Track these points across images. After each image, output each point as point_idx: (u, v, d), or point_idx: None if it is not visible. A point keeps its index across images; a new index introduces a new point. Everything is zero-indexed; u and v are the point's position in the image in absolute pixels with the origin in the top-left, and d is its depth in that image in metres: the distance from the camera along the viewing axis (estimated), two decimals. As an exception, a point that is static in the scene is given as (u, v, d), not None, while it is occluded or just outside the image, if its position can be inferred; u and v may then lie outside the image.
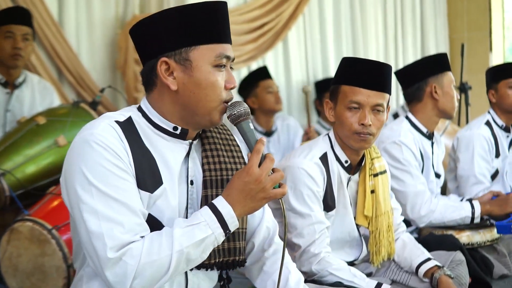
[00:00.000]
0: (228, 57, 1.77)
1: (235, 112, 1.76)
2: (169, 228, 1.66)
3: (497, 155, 3.73)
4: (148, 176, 1.71)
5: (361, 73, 2.48)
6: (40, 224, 2.82)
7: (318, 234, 2.46)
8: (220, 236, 1.67)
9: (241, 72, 5.50)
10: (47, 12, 4.30)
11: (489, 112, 3.82)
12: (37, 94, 3.98)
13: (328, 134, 2.63)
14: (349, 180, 2.61)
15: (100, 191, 1.63)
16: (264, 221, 2.03)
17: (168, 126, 1.78)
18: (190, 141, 1.82)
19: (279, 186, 1.72)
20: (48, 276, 2.81)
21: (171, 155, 1.77)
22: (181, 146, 1.81)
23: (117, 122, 1.72)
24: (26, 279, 2.85)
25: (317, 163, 2.51)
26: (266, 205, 2.06)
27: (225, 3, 1.81)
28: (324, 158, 2.54)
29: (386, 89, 2.50)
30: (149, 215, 1.71)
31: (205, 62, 1.74)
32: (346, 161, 2.58)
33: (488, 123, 3.76)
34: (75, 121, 3.49)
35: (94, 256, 1.63)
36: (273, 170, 1.70)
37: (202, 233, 1.64)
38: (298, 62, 5.94)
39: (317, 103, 5.74)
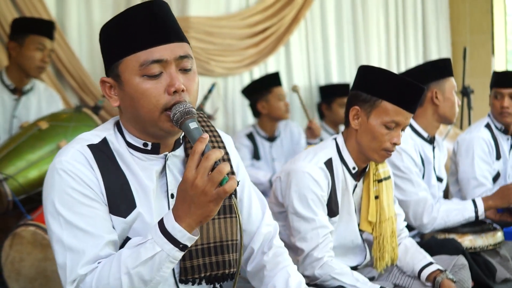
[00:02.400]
0: (158, 61, 1.63)
1: (176, 113, 1.60)
2: (121, 250, 1.63)
3: (498, 157, 3.73)
4: (120, 201, 1.69)
5: (407, 94, 2.49)
6: (42, 228, 2.82)
7: (321, 238, 2.46)
8: (173, 252, 1.56)
9: (243, 77, 5.50)
10: (50, 17, 4.31)
11: (489, 115, 3.83)
12: (43, 102, 4.00)
13: (335, 139, 2.63)
14: (355, 186, 2.61)
15: (66, 220, 1.63)
16: (263, 224, 1.99)
17: (138, 143, 1.74)
18: (166, 153, 1.76)
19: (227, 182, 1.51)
20: (50, 280, 2.82)
21: (145, 174, 1.72)
22: (156, 162, 1.75)
23: (89, 146, 1.70)
24: (28, 283, 2.86)
25: (321, 167, 2.51)
26: (267, 208, 2.03)
27: (150, 2, 1.69)
28: (329, 163, 2.53)
29: (415, 111, 2.57)
30: (128, 238, 1.70)
31: (131, 74, 1.65)
32: (354, 168, 2.58)
33: (488, 126, 3.78)
34: (77, 126, 3.50)
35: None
36: (217, 168, 1.50)
37: (149, 251, 1.55)
38: (300, 66, 5.94)
39: (323, 107, 5.73)
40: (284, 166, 2.67)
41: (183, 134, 1.79)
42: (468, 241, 3.10)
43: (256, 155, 4.92)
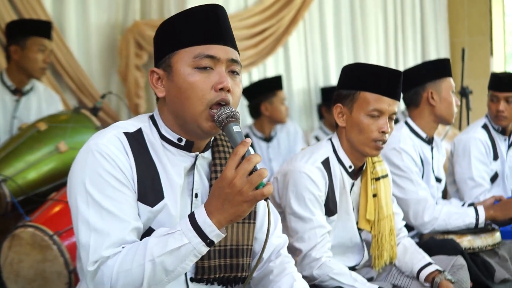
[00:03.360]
0: (211, 57, 1.69)
1: (221, 114, 1.65)
2: (148, 238, 1.65)
3: (495, 158, 3.74)
4: (150, 190, 1.72)
5: (384, 81, 2.49)
6: (41, 230, 2.82)
7: (319, 238, 2.46)
8: (200, 246, 1.59)
9: (242, 78, 5.50)
10: (48, 19, 4.31)
11: (486, 116, 3.84)
12: (43, 102, 4.01)
13: (330, 139, 2.63)
14: (352, 185, 2.61)
15: (95, 200, 1.65)
16: (274, 235, 2.03)
17: (173, 137, 1.78)
18: (197, 153, 1.80)
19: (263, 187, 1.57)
20: (49, 282, 2.81)
21: (175, 169, 1.76)
22: (187, 159, 1.79)
23: (125, 133, 1.73)
24: (27, 285, 2.85)
25: (319, 167, 2.51)
26: (279, 221, 2.07)
27: (215, 5, 1.77)
28: (326, 163, 2.54)
29: (400, 97, 2.55)
30: (150, 228, 1.72)
31: (183, 64, 1.71)
32: (350, 166, 2.58)
33: (485, 127, 3.79)
34: (76, 127, 3.49)
35: (83, 266, 1.66)
36: (257, 171, 1.55)
37: (177, 242, 1.58)
38: (299, 67, 5.95)
39: (323, 109, 5.73)
40: (281, 167, 2.67)
41: (213, 138, 1.85)
42: (466, 241, 3.10)
43: None
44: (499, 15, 7.24)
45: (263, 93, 5.00)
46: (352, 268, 2.60)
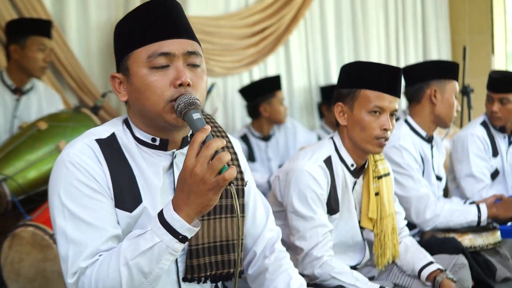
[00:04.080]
0: (166, 54, 1.65)
1: (180, 103, 1.61)
2: (121, 242, 1.62)
3: (495, 154, 3.74)
4: (127, 195, 1.70)
5: (385, 78, 2.49)
6: (42, 229, 2.82)
7: (321, 237, 2.46)
8: (173, 243, 1.54)
9: (242, 76, 5.50)
10: (49, 18, 4.30)
11: (486, 113, 3.85)
12: (44, 101, 4.01)
13: (332, 138, 2.63)
14: (354, 183, 2.61)
15: (71, 212, 1.63)
16: (266, 229, 2.01)
17: (147, 138, 1.75)
18: (174, 150, 1.77)
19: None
20: (50, 281, 2.82)
21: (152, 170, 1.73)
22: (164, 158, 1.76)
23: (97, 140, 1.71)
24: (28, 284, 2.86)
25: (321, 165, 2.51)
26: (270, 213, 2.05)
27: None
28: (328, 161, 2.54)
29: (400, 94, 2.54)
30: None
31: (139, 65, 1.67)
32: (352, 165, 2.57)
33: (484, 124, 3.80)
34: (76, 126, 3.50)
35: (64, 280, 1.65)
36: (216, 156, 1.49)
37: (148, 242, 1.55)
38: (300, 66, 5.94)
39: (323, 107, 5.72)
40: (283, 166, 2.67)
41: (191, 132, 1.79)
42: (468, 240, 3.09)
43: (251, 157, 4.91)
44: (500, 13, 7.22)
45: (262, 94, 4.97)
46: (354, 267, 2.60)
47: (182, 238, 1.55)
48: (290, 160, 2.67)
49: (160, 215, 1.56)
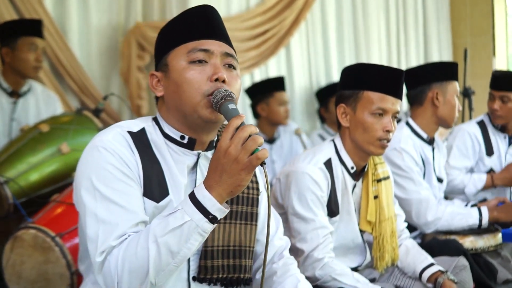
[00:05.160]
0: (205, 50, 1.74)
1: (217, 95, 1.68)
2: (151, 222, 1.65)
3: (490, 153, 3.76)
4: (155, 186, 1.73)
5: (387, 80, 2.51)
6: (43, 231, 2.82)
7: (321, 239, 2.47)
8: (203, 222, 1.57)
9: (243, 79, 5.50)
10: (50, 20, 4.32)
11: (486, 113, 3.87)
12: (41, 103, 4.01)
13: (333, 140, 2.63)
14: (354, 186, 2.61)
15: (102, 194, 1.66)
16: (276, 237, 2.04)
17: (176, 135, 1.80)
18: (199, 151, 1.82)
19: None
20: (51, 283, 2.81)
21: (178, 166, 1.78)
22: (190, 157, 1.81)
23: (129, 132, 1.75)
24: (29, 286, 2.85)
25: (321, 168, 2.52)
26: (280, 223, 2.07)
27: (206, 6, 1.83)
28: (328, 164, 2.54)
29: (402, 96, 2.56)
30: None
31: (178, 60, 1.75)
32: (352, 167, 2.58)
33: (481, 123, 3.85)
34: (78, 128, 3.50)
35: (91, 261, 1.66)
36: (251, 137, 1.54)
37: (178, 220, 1.57)
38: (301, 68, 5.94)
39: (322, 110, 5.72)
40: (284, 168, 2.67)
41: (216, 138, 1.86)
42: (469, 242, 3.09)
43: None
44: (501, 16, 7.22)
45: (260, 93, 5.01)
46: (355, 269, 2.60)
47: (212, 218, 1.57)
48: (290, 162, 2.67)
49: (192, 195, 1.59)
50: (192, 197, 1.58)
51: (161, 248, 1.57)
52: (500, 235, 3.16)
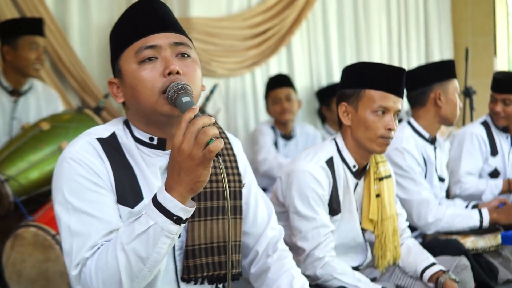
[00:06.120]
0: (151, 47, 1.68)
1: (170, 90, 1.62)
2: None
3: (494, 153, 3.76)
4: (128, 192, 1.70)
5: (389, 78, 2.51)
6: (44, 229, 2.82)
7: (323, 237, 2.46)
8: (167, 224, 1.52)
9: (244, 78, 5.50)
10: (51, 18, 4.32)
11: (489, 114, 3.87)
12: (42, 101, 4.01)
13: (334, 139, 2.63)
14: (356, 185, 2.61)
15: (74, 207, 1.63)
16: (268, 228, 2.02)
17: (145, 137, 1.76)
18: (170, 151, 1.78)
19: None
20: (52, 281, 2.82)
21: (151, 169, 1.75)
22: (162, 158, 1.76)
23: (98, 139, 1.72)
24: (30, 285, 2.86)
25: (322, 166, 2.51)
26: (273, 212, 2.05)
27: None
28: (330, 162, 2.54)
29: (403, 94, 2.56)
30: None
31: (129, 64, 1.70)
32: (354, 166, 2.58)
33: (485, 123, 3.85)
34: (79, 127, 3.50)
35: (68, 274, 1.65)
36: (202, 130, 1.48)
37: (142, 225, 1.53)
38: (302, 67, 5.94)
39: (323, 109, 5.72)
40: (286, 166, 2.67)
41: None
42: (470, 242, 3.09)
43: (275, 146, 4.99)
44: (503, 15, 7.21)
45: (265, 93, 5.08)
46: (356, 268, 2.60)
47: (176, 219, 1.53)
48: (291, 161, 2.67)
49: (154, 198, 1.55)
50: (154, 200, 1.54)
51: (130, 255, 1.54)
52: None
